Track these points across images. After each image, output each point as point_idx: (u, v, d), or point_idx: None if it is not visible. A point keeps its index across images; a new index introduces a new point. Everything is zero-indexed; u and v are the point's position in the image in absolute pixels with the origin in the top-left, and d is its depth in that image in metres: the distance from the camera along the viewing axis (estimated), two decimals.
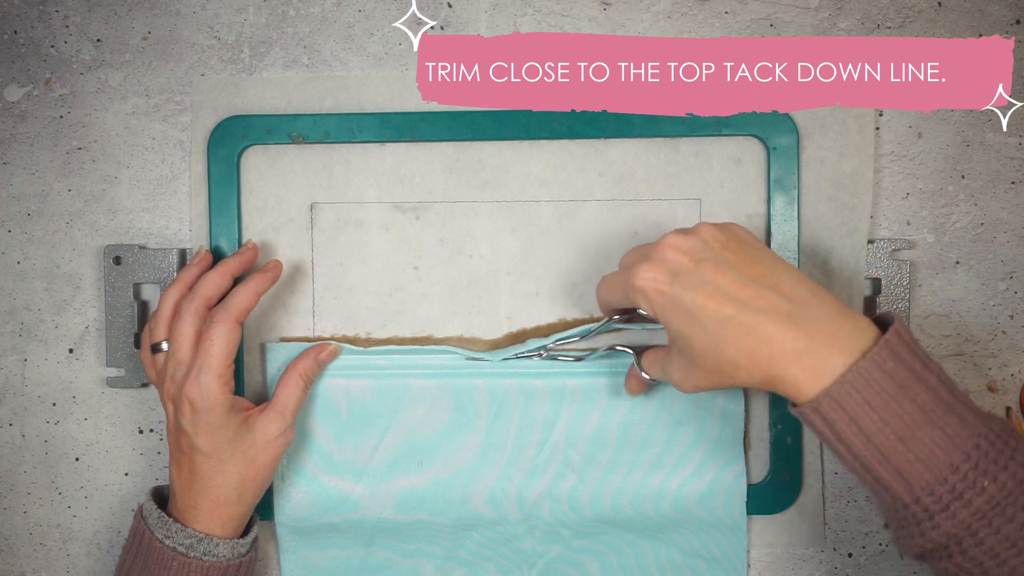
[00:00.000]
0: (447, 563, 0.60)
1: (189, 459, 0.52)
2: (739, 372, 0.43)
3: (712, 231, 0.46)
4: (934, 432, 0.40)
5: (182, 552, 0.51)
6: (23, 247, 0.61)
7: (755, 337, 0.42)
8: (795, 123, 0.57)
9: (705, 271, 0.43)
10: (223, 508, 0.52)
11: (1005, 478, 0.39)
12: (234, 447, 0.52)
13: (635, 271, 0.45)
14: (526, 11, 0.59)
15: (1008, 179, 0.59)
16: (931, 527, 0.40)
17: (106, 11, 0.60)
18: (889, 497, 0.41)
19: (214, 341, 0.51)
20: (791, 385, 0.41)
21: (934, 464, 0.40)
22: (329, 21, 0.59)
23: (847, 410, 0.40)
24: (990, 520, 0.39)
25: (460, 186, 0.58)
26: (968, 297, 0.59)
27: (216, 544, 0.52)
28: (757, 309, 0.42)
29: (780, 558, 0.60)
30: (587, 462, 0.58)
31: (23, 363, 0.61)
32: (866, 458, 0.41)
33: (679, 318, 0.44)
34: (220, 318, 0.51)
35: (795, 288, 0.43)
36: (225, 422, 0.51)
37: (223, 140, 0.58)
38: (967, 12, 0.58)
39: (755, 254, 0.45)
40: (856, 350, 0.41)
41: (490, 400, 0.58)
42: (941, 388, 0.41)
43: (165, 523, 0.52)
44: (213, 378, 0.50)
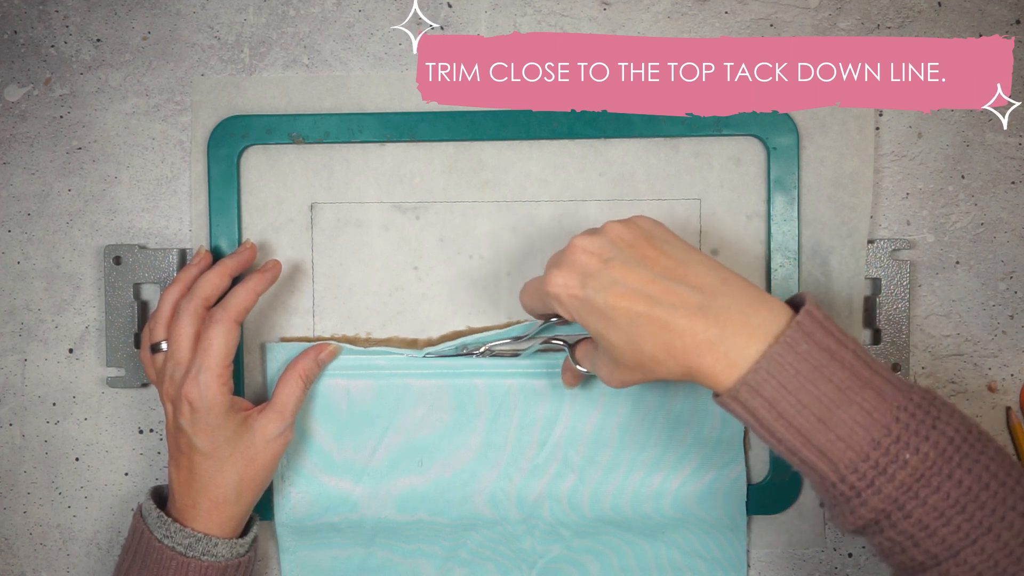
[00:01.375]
0: (447, 563, 0.60)
1: (188, 458, 0.52)
2: (659, 367, 0.43)
3: (619, 229, 0.46)
4: (852, 409, 0.40)
5: (181, 552, 0.51)
6: (23, 247, 0.61)
7: (669, 332, 0.42)
8: (795, 123, 0.57)
9: (614, 271, 0.44)
10: (222, 507, 0.52)
11: (927, 448, 0.39)
12: (233, 447, 0.52)
13: (547, 277, 0.46)
14: (526, 11, 0.59)
15: (1008, 179, 0.59)
16: (859, 504, 0.40)
17: (106, 11, 0.60)
18: (818, 477, 0.41)
19: (213, 341, 0.51)
20: (708, 375, 0.41)
21: (855, 441, 0.40)
22: (329, 21, 0.59)
23: (764, 396, 0.40)
24: (916, 492, 0.39)
25: (460, 186, 0.58)
26: (968, 297, 0.59)
27: (215, 544, 0.52)
28: (667, 304, 0.42)
29: (780, 558, 0.60)
30: (587, 462, 0.58)
31: (23, 363, 0.61)
32: (789, 441, 0.41)
33: (595, 319, 0.44)
34: (219, 318, 0.51)
35: (705, 278, 0.43)
36: (224, 422, 0.51)
37: (223, 140, 0.58)
38: (967, 12, 0.58)
39: (663, 247, 0.45)
40: (769, 335, 0.41)
41: (490, 400, 0.58)
42: (857, 364, 0.41)
43: (164, 523, 0.52)
44: (212, 378, 0.50)
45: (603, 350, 0.46)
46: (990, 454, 0.40)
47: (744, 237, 0.58)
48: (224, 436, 0.51)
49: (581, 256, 0.45)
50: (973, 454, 0.40)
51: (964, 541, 0.39)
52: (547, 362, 0.57)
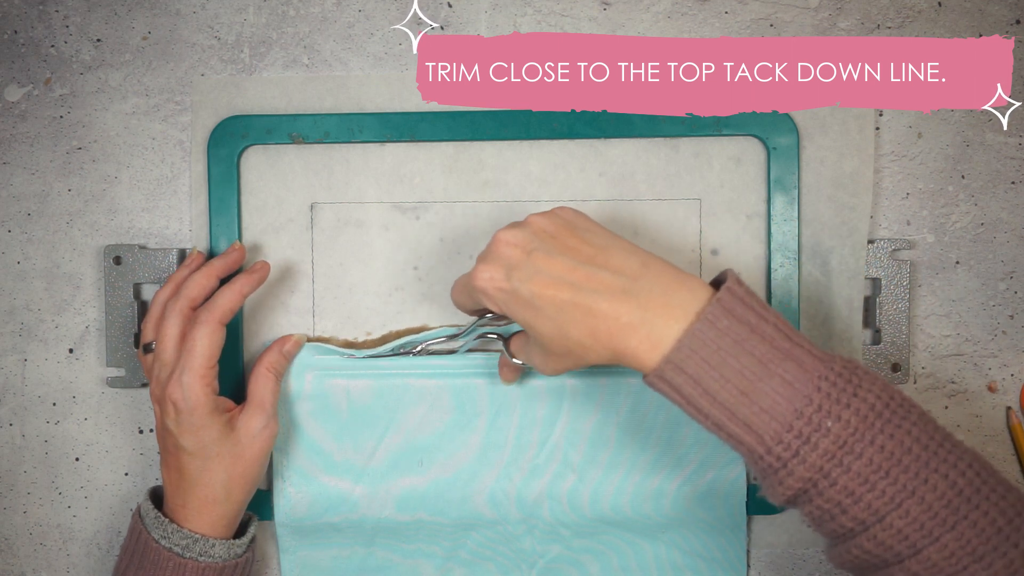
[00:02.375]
0: (447, 563, 0.60)
1: (176, 459, 0.52)
2: (588, 352, 0.43)
3: (540, 220, 0.46)
4: (774, 381, 0.40)
5: (178, 552, 0.51)
6: (23, 247, 0.61)
7: (593, 316, 0.42)
8: (795, 123, 0.57)
9: (537, 261, 0.44)
10: (211, 507, 0.52)
11: (849, 415, 0.40)
12: (219, 445, 0.52)
13: (473, 272, 0.46)
14: (526, 11, 0.59)
15: (1008, 179, 0.59)
16: (786, 474, 0.41)
17: (106, 11, 0.60)
18: (746, 451, 0.42)
19: (196, 342, 0.51)
20: (633, 357, 0.42)
21: (778, 412, 0.40)
22: (329, 21, 0.59)
23: (688, 372, 0.41)
24: (840, 459, 0.40)
25: (460, 186, 0.58)
26: (968, 297, 0.59)
27: (212, 545, 0.52)
28: (591, 289, 0.43)
29: (780, 558, 0.60)
30: (587, 462, 0.58)
31: (23, 363, 0.61)
32: (716, 416, 0.41)
33: (522, 310, 0.45)
34: (203, 319, 0.51)
35: (626, 263, 0.44)
36: (208, 422, 0.51)
37: (223, 140, 0.58)
38: (967, 12, 0.58)
39: (585, 236, 0.46)
40: (690, 313, 0.42)
41: (490, 400, 0.58)
42: (778, 337, 0.41)
43: (161, 523, 0.52)
44: (195, 379, 0.50)
45: (533, 340, 0.46)
46: (912, 419, 0.41)
47: (744, 237, 0.58)
48: (210, 436, 0.51)
49: (505, 249, 0.46)
50: (895, 419, 0.40)
51: (889, 505, 0.40)
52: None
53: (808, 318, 0.58)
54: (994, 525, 0.39)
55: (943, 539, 0.39)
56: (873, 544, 0.40)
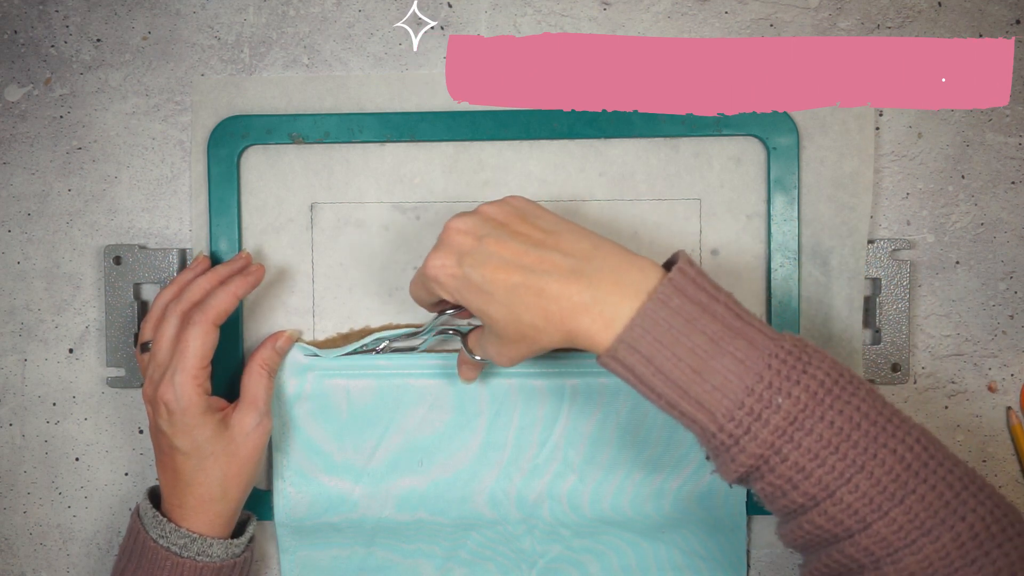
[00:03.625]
0: (447, 563, 0.60)
1: (170, 459, 0.52)
2: (541, 335, 0.44)
3: (491, 208, 0.47)
4: (725, 359, 0.41)
5: (175, 552, 0.51)
6: (23, 247, 0.61)
7: (545, 298, 0.43)
8: (795, 123, 0.57)
9: (488, 246, 0.45)
10: (208, 505, 0.52)
11: (799, 392, 0.40)
12: (213, 444, 0.51)
13: (426, 262, 0.47)
14: (526, 11, 0.59)
15: (1008, 179, 0.59)
16: (738, 451, 0.41)
17: (106, 11, 0.60)
18: (699, 429, 0.42)
19: (189, 343, 0.51)
20: (586, 336, 0.42)
21: (730, 390, 0.40)
22: (329, 21, 0.59)
23: (641, 352, 0.41)
24: (791, 435, 0.40)
25: (460, 186, 0.58)
26: (968, 297, 0.59)
27: (210, 544, 0.52)
28: (542, 271, 0.43)
29: (780, 558, 0.60)
30: (587, 462, 0.58)
31: (23, 363, 0.61)
32: (668, 395, 0.42)
33: (475, 296, 0.45)
34: (196, 319, 0.51)
35: (576, 245, 0.44)
36: (201, 422, 0.51)
37: (223, 140, 0.58)
38: (967, 12, 0.58)
39: (535, 221, 0.46)
40: (642, 293, 0.42)
41: (490, 400, 0.58)
42: (729, 316, 0.42)
43: (159, 522, 0.52)
44: (187, 379, 0.50)
45: (487, 328, 0.47)
46: (861, 395, 0.41)
47: (744, 237, 0.58)
48: (203, 435, 0.51)
49: (456, 236, 0.46)
50: (844, 396, 0.41)
51: (839, 480, 0.40)
52: (545, 361, 0.57)
53: (808, 318, 0.58)
54: (942, 498, 0.40)
55: (892, 513, 0.40)
56: (824, 519, 0.41)
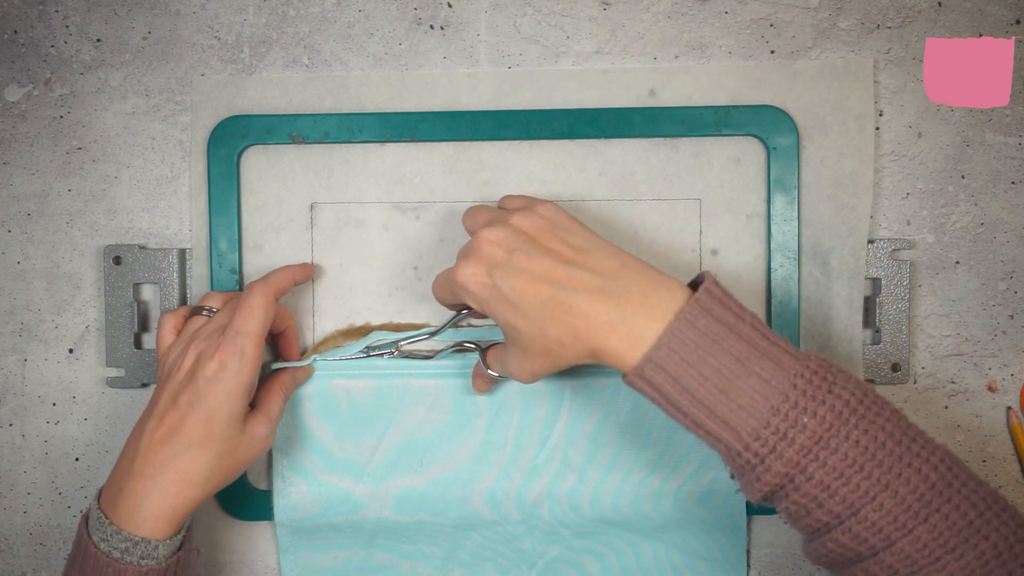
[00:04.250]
0: (447, 563, 0.60)
1: (181, 415, 0.49)
2: (566, 351, 0.44)
3: (522, 220, 0.47)
4: (751, 379, 0.41)
5: (117, 557, 0.48)
6: (23, 247, 0.61)
7: (573, 314, 0.43)
8: (795, 123, 0.57)
9: (519, 259, 0.45)
10: (184, 486, 0.49)
11: (824, 412, 0.40)
12: (228, 427, 0.50)
13: (456, 269, 0.47)
14: (526, 11, 0.59)
15: (1008, 179, 0.59)
16: (764, 470, 0.41)
17: (106, 11, 0.60)
18: (724, 448, 0.42)
19: (255, 309, 0.51)
20: (612, 355, 0.43)
21: (756, 410, 0.41)
22: (329, 21, 0.59)
23: (668, 371, 0.42)
24: (816, 455, 0.40)
25: (460, 186, 0.58)
26: (968, 297, 0.59)
27: (155, 547, 0.49)
28: (571, 288, 0.44)
29: (780, 558, 0.60)
30: (587, 462, 0.58)
31: (23, 363, 0.61)
32: (695, 415, 0.42)
33: (502, 308, 0.45)
34: (260, 289, 0.52)
35: (606, 263, 0.45)
36: (239, 395, 0.50)
37: (223, 140, 0.58)
38: (967, 12, 0.58)
39: (566, 236, 0.47)
40: (669, 313, 0.42)
41: (490, 400, 0.58)
42: (755, 336, 0.42)
43: (102, 525, 0.49)
44: (250, 343, 0.50)
45: (511, 340, 0.47)
46: (886, 415, 0.42)
47: (744, 237, 0.58)
48: (229, 411, 0.50)
49: (487, 247, 0.46)
50: (869, 416, 0.41)
51: (864, 499, 0.40)
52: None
53: (808, 318, 0.58)
54: (965, 518, 0.40)
55: (916, 531, 0.40)
56: (848, 538, 0.41)
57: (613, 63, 0.59)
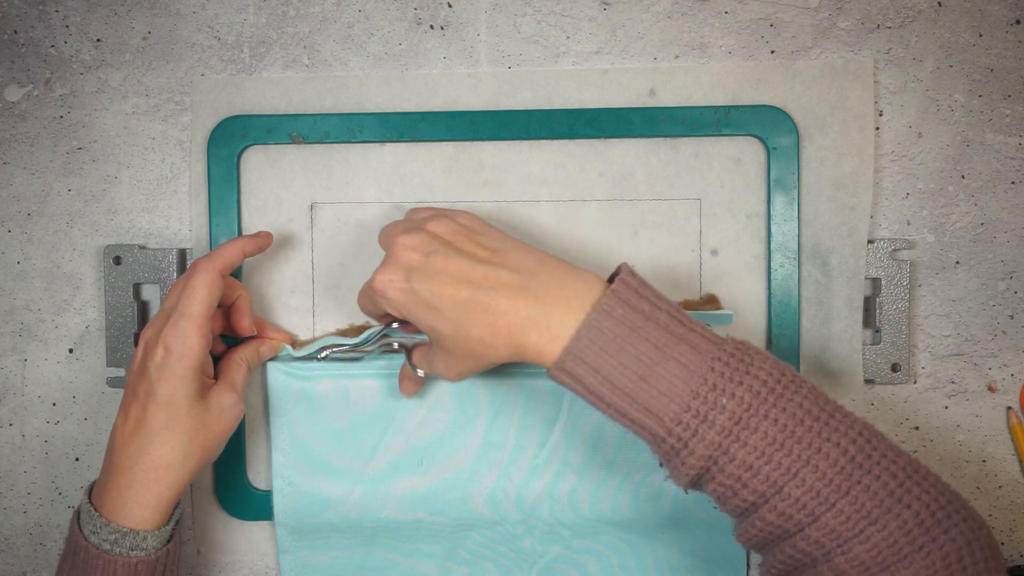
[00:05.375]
0: (447, 563, 0.60)
1: (142, 407, 0.49)
2: (489, 350, 0.45)
3: (437, 225, 0.48)
4: (670, 364, 0.42)
5: (106, 549, 0.48)
6: (23, 247, 0.61)
7: (492, 313, 0.44)
8: (795, 123, 0.57)
9: (436, 262, 0.46)
10: (163, 471, 0.49)
11: (743, 392, 0.41)
12: (190, 406, 0.50)
13: (374, 277, 0.47)
14: (526, 11, 0.59)
15: (1008, 179, 0.59)
16: (688, 454, 0.42)
17: (106, 11, 0.60)
18: (649, 435, 0.43)
19: (196, 288, 0.50)
20: (533, 350, 0.43)
21: (676, 394, 0.41)
22: (329, 21, 0.59)
23: (588, 362, 0.42)
24: (737, 435, 0.41)
25: (460, 186, 0.58)
26: (968, 297, 0.59)
27: (144, 538, 0.49)
28: (488, 287, 0.44)
29: None
30: (587, 462, 0.58)
31: (23, 363, 0.61)
32: (618, 404, 0.43)
33: (422, 311, 0.46)
34: (202, 266, 0.51)
35: (522, 261, 0.46)
36: (191, 376, 0.50)
37: (223, 140, 0.58)
38: (967, 12, 0.58)
39: (481, 239, 0.47)
40: (587, 305, 0.43)
41: (490, 400, 0.58)
42: (672, 323, 0.43)
43: (92, 518, 0.49)
44: (192, 326, 0.50)
45: (435, 343, 0.47)
46: (803, 393, 0.42)
47: (744, 237, 0.58)
48: (185, 392, 0.49)
49: (404, 253, 0.47)
50: (787, 394, 0.42)
51: (786, 476, 0.41)
52: None
53: (808, 318, 0.58)
54: (886, 488, 0.40)
55: (839, 504, 0.40)
56: (774, 515, 0.41)
57: (613, 63, 0.59)
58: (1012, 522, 0.59)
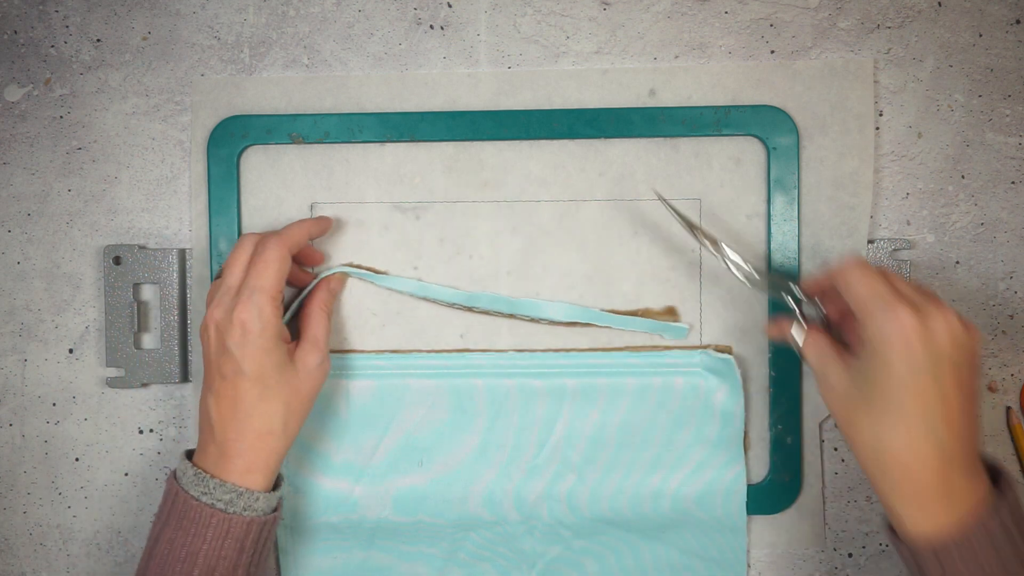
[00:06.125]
0: (447, 564, 0.60)
1: (232, 386, 0.50)
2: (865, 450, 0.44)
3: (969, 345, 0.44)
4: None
5: (221, 508, 0.49)
6: (23, 247, 0.61)
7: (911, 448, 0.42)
8: (795, 123, 0.57)
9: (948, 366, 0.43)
10: (267, 439, 0.50)
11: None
12: (280, 374, 0.50)
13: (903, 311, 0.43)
14: (526, 11, 0.59)
15: (1008, 179, 0.58)
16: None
17: (106, 11, 0.60)
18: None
19: (269, 264, 0.50)
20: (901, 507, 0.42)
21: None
22: (329, 21, 0.59)
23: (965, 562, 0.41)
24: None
25: (460, 186, 0.58)
26: (968, 297, 0.59)
27: (256, 498, 0.50)
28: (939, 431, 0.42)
29: (780, 558, 0.60)
30: (586, 462, 0.58)
31: (23, 363, 0.61)
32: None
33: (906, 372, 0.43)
34: (273, 242, 0.51)
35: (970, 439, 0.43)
36: (275, 346, 0.50)
37: (223, 140, 0.58)
38: (967, 12, 0.58)
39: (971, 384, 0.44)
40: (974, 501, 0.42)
41: (490, 400, 0.58)
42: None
43: (202, 480, 0.50)
44: (266, 300, 0.50)
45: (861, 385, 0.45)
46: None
47: (744, 237, 0.58)
48: (272, 362, 0.50)
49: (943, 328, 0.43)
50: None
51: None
52: (546, 362, 0.57)
53: None
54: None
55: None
56: None
57: (613, 63, 0.59)
58: None
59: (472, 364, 0.58)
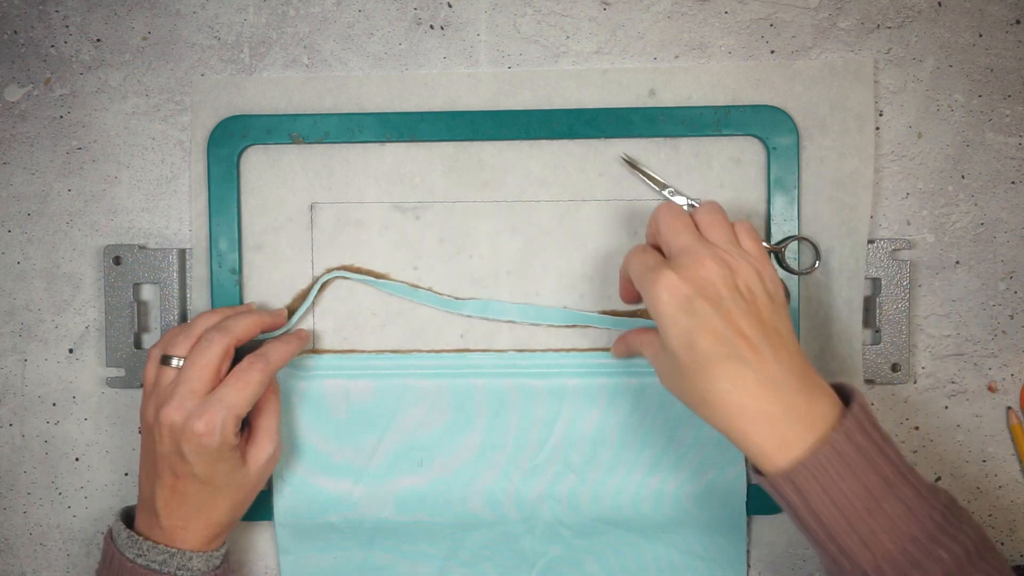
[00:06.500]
0: (447, 563, 0.60)
1: (183, 484, 0.50)
2: (705, 410, 0.44)
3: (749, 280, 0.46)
4: (896, 504, 0.42)
5: (155, 569, 0.50)
6: (23, 247, 0.61)
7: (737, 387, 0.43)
8: (795, 123, 0.57)
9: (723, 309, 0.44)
10: (214, 528, 0.52)
11: (957, 549, 0.41)
12: (230, 477, 0.51)
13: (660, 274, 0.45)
14: (526, 11, 0.59)
15: (1008, 179, 0.59)
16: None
17: (106, 11, 0.60)
18: (849, 565, 0.42)
19: (250, 387, 0.50)
20: (756, 448, 0.43)
21: (896, 535, 0.41)
22: (329, 21, 0.59)
23: (819, 481, 0.42)
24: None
25: (460, 186, 0.58)
26: (968, 297, 0.59)
27: (189, 558, 0.51)
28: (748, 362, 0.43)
29: (780, 558, 0.60)
30: (587, 462, 0.58)
31: (23, 363, 0.61)
32: (834, 528, 0.42)
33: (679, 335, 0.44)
34: (261, 367, 0.51)
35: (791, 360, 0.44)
36: (228, 455, 0.51)
37: (223, 140, 0.58)
38: (967, 12, 0.58)
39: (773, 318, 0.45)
40: (825, 424, 0.43)
41: (490, 400, 0.58)
42: (899, 461, 0.43)
43: (135, 542, 0.51)
44: (232, 421, 0.50)
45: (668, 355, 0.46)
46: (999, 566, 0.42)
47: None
48: (223, 468, 0.51)
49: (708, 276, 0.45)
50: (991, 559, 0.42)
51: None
52: (546, 362, 0.57)
53: (808, 318, 0.58)
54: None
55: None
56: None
57: (613, 63, 0.59)
58: (1012, 522, 0.59)
59: (472, 364, 0.58)
